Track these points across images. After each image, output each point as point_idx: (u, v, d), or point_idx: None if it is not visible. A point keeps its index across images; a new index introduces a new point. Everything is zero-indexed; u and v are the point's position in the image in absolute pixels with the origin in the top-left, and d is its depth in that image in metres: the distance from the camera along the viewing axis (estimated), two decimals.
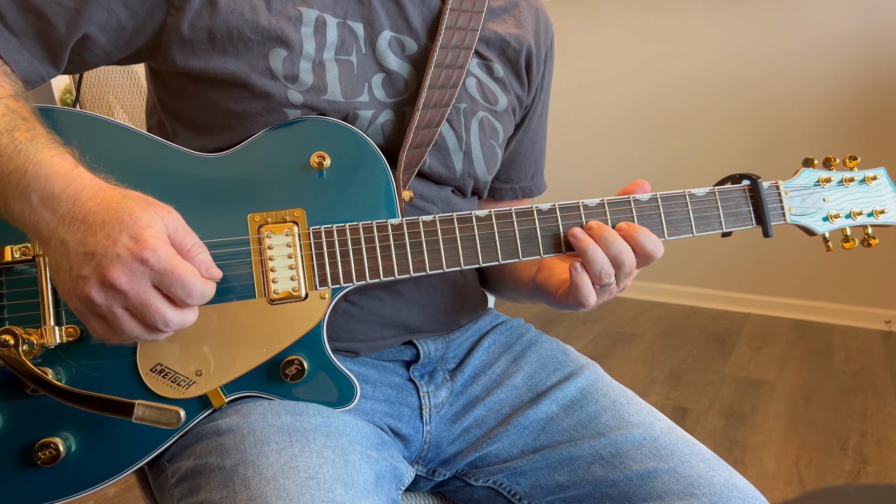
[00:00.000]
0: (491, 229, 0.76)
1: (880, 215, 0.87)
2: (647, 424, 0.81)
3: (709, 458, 0.78)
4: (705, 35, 3.46)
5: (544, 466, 0.81)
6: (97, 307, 0.60)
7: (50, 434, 0.69)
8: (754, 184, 0.82)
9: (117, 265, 0.58)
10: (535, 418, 0.84)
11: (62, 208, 0.60)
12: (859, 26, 3.11)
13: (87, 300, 0.59)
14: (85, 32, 0.73)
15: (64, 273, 0.60)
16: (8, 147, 0.62)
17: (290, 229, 0.72)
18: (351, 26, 0.79)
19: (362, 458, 0.68)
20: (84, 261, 0.59)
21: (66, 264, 0.59)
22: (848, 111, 3.18)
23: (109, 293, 0.59)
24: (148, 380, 0.70)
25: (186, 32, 0.73)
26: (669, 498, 0.74)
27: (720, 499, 0.73)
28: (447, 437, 0.86)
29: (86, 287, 0.59)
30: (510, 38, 0.90)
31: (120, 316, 0.60)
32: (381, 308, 0.82)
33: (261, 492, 0.60)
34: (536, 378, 0.88)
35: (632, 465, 0.77)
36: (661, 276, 3.75)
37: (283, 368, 0.71)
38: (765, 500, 0.75)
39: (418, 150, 0.81)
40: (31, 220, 0.61)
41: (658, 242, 0.76)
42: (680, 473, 0.75)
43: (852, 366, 2.83)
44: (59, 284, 0.62)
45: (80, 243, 0.59)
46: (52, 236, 0.60)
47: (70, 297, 0.61)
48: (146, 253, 0.58)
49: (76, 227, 0.60)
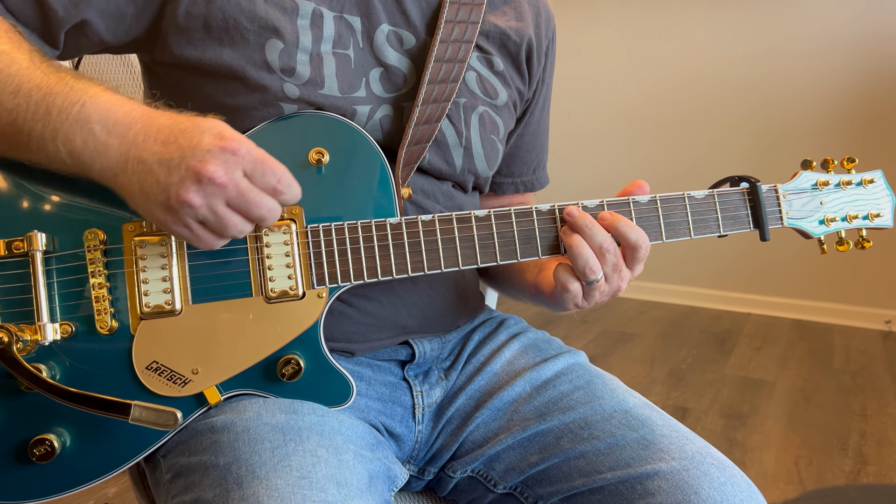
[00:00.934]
0: (490, 230, 0.75)
1: (875, 219, 0.87)
2: (619, 399, 0.80)
3: (685, 432, 0.76)
4: (706, 35, 3.45)
5: (517, 447, 0.80)
6: (197, 210, 0.59)
7: (45, 430, 0.69)
8: (753, 187, 0.81)
9: (210, 159, 0.58)
10: (508, 399, 0.83)
11: (132, 131, 0.60)
12: (859, 26, 3.10)
13: (184, 205, 0.59)
14: (84, 17, 0.72)
15: (150, 189, 0.59)
16: (57, 84, 0.62)
17: (287, 227, 0.71)
18: (348, 20, 0.79)
19: (356, 457, 0.68)
20: (171, 168, 0.58)
21: (152, 179, 0.59)
22: (848, 111, 3.17)
23: (208, 189, 0.59)
24: (144, 377, 0.69)
25: (182, 20, 0.73)
26: (636, 464, 0.71)
27: (692, 462, 0.70)
28: (434, 432, 0.85)
29: (181, 191, 0.58)
30: (510, 31, 0.89)
31: (222, 213, 0.60)
32: (379, 310, 0.82)
33: (252, 491, 0.60)
34: (515, 363, 0.87)
35: (600, 435, 0.75)
36: (661, 276, 3.75)
37: (280, 367, 0.71)
38: (743, 475, 0.72)
39: (418, 146, 0.80)
40: (98, 150, 0.60)
41: (642, 233, 0.74)
42: (649, 440, 0.73)
43: (852, 366, 2.83)
44: (145, 204, 0.61)
45: (162, 152, 0.59)
46: (126, 160, 0.60)
47: (162, 210, 0.60)
48: (234, 144, 0.59)
49: (152, 143, 0.59)
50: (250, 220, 0.63)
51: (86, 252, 0.69)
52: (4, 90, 0.62)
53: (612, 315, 3.53)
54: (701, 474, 0.69)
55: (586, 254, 0.73)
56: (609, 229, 0.74)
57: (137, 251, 0.69)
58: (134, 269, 0.69)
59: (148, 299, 0.69)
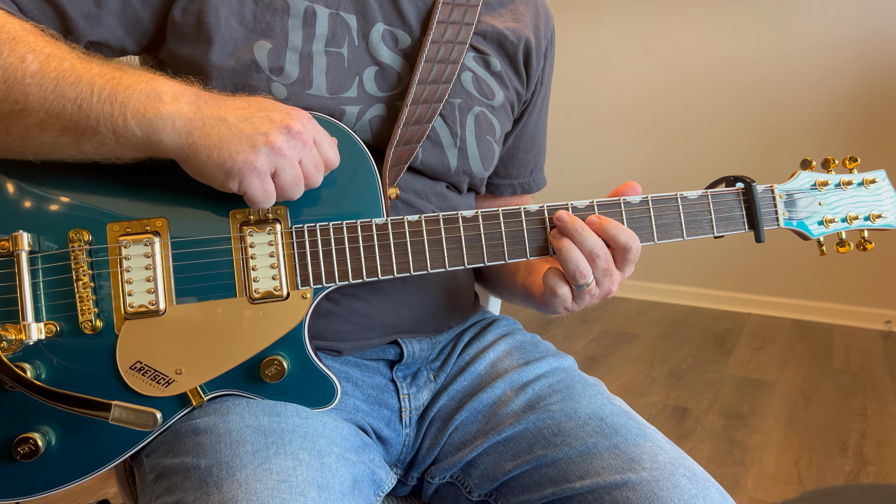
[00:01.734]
0: (477, 230, 0.75)
1: (877, 220, 0.84)
2: (597, 406, 0.78)
3: (660, 441, 0.74)
4: (706, 36, 3.44)
5: (492, 452, 0.79)
6: (282, 155, 0.64)
7: (29, 429, 0.69)
8: (748, 187, 0.80)
9: (293, 119, 0.65)
10: (488, 401, 0.82)
11: (201, 98, 0.65)
12: (860, 27, 3.09)
13: (272, 147, 0.63)
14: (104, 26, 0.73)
15: (236, 137, 0.63)
16: (117, 70, 0.65)
17: (272, 228, 0.71)
18: (344, 17, 0.79)
19: (339, 460, 0.67)
20: (256, 122, 0.64)
21: (235, 131, 0.63)
22: (848, 111, 3.16)
23: (294, 143, 0.65)
24: (127, 377, 0.69)
25: (178, 16, 0.74)
26: (606, 473, 0.70)
27: (662, 473, 0.68)
28: (419, 435, 0.85)
29: (270, 136, 0.63)
30: (508, 32, 0.89)
31: (297, 168, 0.66)
32: (367, 308, 0.81)
33: (232, 494, 0.59)
34: (499, 364, 0.86)
35: (572, 443, 0.74)
36: (661, 276, 3.74)
37: (263, 368, 0.71)
38: (716, 484, 0.70)
39: (407, 146, 0.79)
40: (171, 114, 0.63)
41: (632, 234, 0.73)
42: (621, 450, 0.72)
43: (852, 366, 2.82)
44: (220, 156, 0.63)
45: (244, 112, 0.64)
46: (204, 118, 0.63)
47: (248, 155, 0.63)
48: (304, 116, 0.67)
49: (227, 106, 0.65)
50: (318, 172, 0.68)
51: (70, 252, 0.69)
52: (65, 81, 0.63)
53: (612, 315, 3.52)
54: (671, 486, 0.67)
55: (576, 258, 0.72)
56: (599, 232, 0.73)
57: (122, 251, 0.69)
58: (118, 269, 0.69)
59: (132, 299, 0.69)
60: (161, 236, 0.70)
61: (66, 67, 0.64)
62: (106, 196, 0.70)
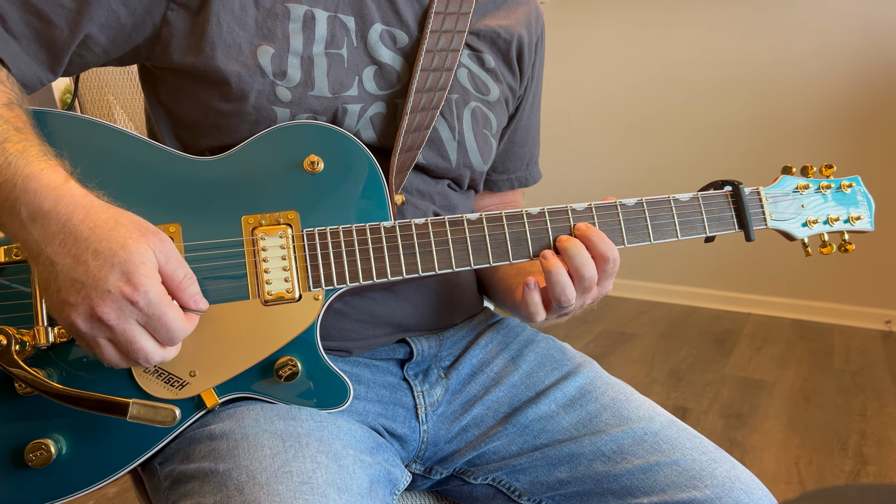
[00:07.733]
0: (482, 232, 0.77)
1: (856, 221, 0.89)
2: (647, 419, 0.82)
3: (710, 450, 0.79)
4: (704, 38, 3.45)
5: (545, 464, 0.82)
6: (82, 335, 0.61)
7: (41, 436, 0.69)
8: (736, 189, 0.84)
9: (107, 301, 0.58)
10: (535, 417, 0.85)
11: (52, 227, 0.59)
12: (858, 28, 3.10)
13: (71, 326, 0.60)
14: (87, 33, 0.73)
15: (52, 293, 0.60)
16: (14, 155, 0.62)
17: (283, 231, 0.73)
18: (342, 19, 0.80)
19: (356, 462, 0.68)
20: (73, 288, 0.59)
21: (55, 286, 0.59)
22: (846, 113, 3.17)
23: (95, 325, 0.60)
24: (141, 380, 0.70)
25: (183, 27, 0.75)
26: (672, 490, 0.74)
27: (722, 490, 0.73)
28: (445, 435, 0.86)
29: (72, 314, 0.59)
30: (500, 30, 0.91)
31: (103, 345, 0.61)
32: (374, 307, 0.83)
33: (254, 497, 0.60)
34: (535, 377, 0.89)
35: (633, 460, 0.78)
36: (661, 276, 3.75)
37: (277, 369, 0.72)
38: (766, 490, 0.76)
39: (409, 153, 0.81)
40: (21, 235, 0.61)
41: (610, 245, 0.76)
42: (682, 466, 0.76)
43: (852, 366, 2.83)
44: (45, 300, 0.62)
45: (70, 268, 0.59)
46: (40, 253, 0.60)
47: (55, 315, 0.61)
48: (136, 295, 0.59)
49: (66, 251, 0.59)
50: (128, 361, 0.63)
51: None
52: None
53: (612, 315, 3.53)
54: (732, 502, 0.73)
55: (564, 281, 0.75)
56: (582, 239, 0.76)
57: None
58: None
59: None
60: (175, 241, 0.71)
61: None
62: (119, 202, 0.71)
